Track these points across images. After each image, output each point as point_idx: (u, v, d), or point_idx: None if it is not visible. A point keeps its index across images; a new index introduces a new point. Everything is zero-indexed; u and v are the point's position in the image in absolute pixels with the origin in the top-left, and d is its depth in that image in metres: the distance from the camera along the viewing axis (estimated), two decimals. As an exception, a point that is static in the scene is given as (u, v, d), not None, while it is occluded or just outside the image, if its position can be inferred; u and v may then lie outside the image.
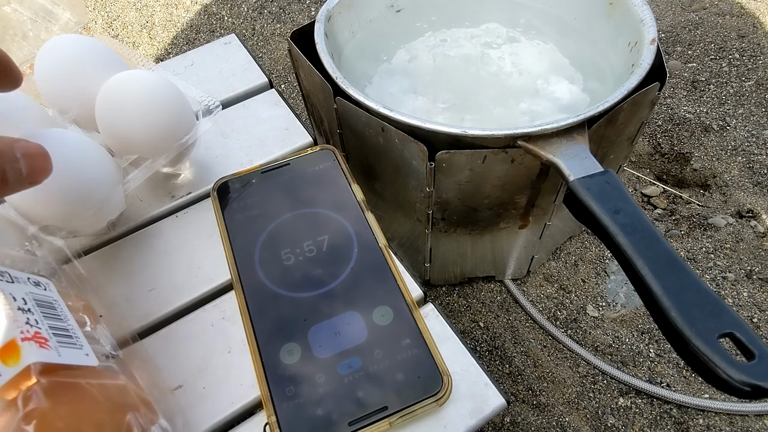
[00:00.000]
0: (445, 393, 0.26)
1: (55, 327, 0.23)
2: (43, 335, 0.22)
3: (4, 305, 0.22)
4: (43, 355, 0.21)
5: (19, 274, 0.24)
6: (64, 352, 0.22)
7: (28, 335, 0.21)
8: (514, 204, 0.47)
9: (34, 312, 0.23)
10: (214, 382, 0.29)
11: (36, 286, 0.25)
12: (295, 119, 0.43)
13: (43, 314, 0.23)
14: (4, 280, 0.23)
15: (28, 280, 0.24)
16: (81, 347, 0.23)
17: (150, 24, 1.06)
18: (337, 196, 0.34)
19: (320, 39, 0.48)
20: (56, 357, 0.21)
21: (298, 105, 0.88)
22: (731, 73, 0.87)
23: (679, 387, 0.57)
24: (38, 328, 0.22)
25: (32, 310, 0.23)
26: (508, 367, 0.60)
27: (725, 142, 0.78)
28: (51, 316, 0.24)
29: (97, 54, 0.35)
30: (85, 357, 0.23)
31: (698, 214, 0.71)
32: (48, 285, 0.25)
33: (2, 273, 0.23)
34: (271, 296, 0.30)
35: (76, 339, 0.23)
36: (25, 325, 0.21)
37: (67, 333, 0.23)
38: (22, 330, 0.21)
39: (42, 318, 0.23)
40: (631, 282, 0.31)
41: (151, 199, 0.38)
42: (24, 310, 0.22)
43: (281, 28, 1.03)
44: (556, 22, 0.58)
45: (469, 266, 0.62)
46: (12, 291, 0.23)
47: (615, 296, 0.65)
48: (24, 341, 0.21)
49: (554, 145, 0.38)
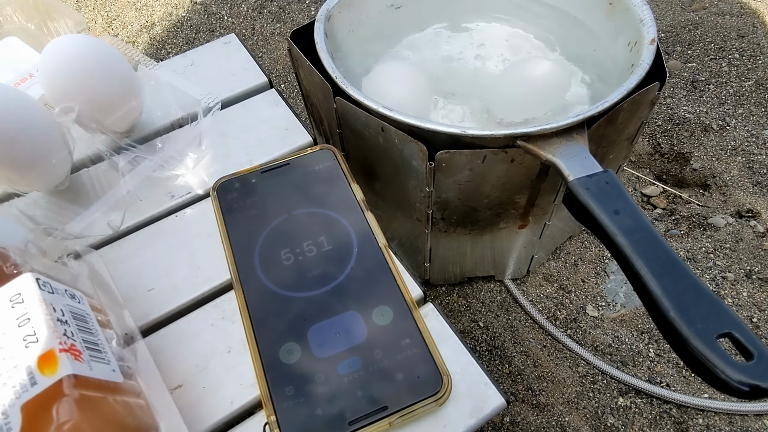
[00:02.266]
0: (445, 393, 0.26)
1: (88, 341, 0.24)
2: (78, 348, 0.22)
3: (46, 315, 0.22)
4: (77, 368, 0.21)
5: (58, 286, 0.25)
6: (95, 366, 0.23)
7: (65, 347, 0.22)
8: (513, 204, 0.47)
9: (71, 324, 0.23)
10: (214, 381, 0.29)
11: (71, 298, 0.25)
12: (294, 119, 0.43)
13: (78, 327, 0.24)
14: (47, 290, 0.24)
15: (65, 292, 0.25)
16: (108, 362, 0.24)
17: (150, 24, 1.06)
18: (337, 195, 0.34)
19: (320, 38, 0.48)
20: (88, 371, 0.22)
21: (298, 105, 0.88)
22: (731, 73, 0.87)
23: (679, 387, 0.57)
24: (74, 340, 0.22)
25: (69, 322, 0.23)
26: (507, 366, 0.60)
27: (725, 142, 0.78)
28: (84, 329, 0.24)
29: (101, 53, 0.36)
30: (112, 373, 0.24)
31: (698, 214, 0.71)
32: (82, 299, 0.26)
33: (45, 284, 0.24)
34: (271, 296, 0.30)
35: (104, 354, 0.24)
36: (63, 336, 0.22)
37: (97, 347, 0.24)
38: (61, 341, 0.22)
39: (77, 330, 0.23)
40: (630, 282, 0.31)
41: (150, 198, 0.38)
42: (62, 322, 0.23)
43: (281, 27, 1.03)
44: (557, 21, 0.58)
45: (469, 266, 0.62)
46: (53, 302, 0.23)
47: (615, 296, 0.65)
48: (61, 352, 0.21)
49: (554, 145, 0.38)
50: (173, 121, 0.41)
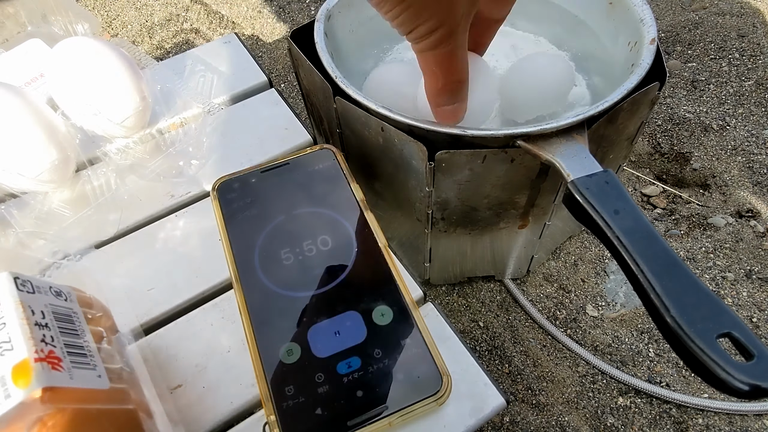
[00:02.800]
0: (445, 392, 0.26)
1: (71, 344, 0.22)
2: (57, 354, 0.21)
3: (22, 320, 0.21)
4: (54, 379, 0.20)
5: (41, 283, 0.23)
6: (77, 373, 0.21)
7: (42, 355, 0.20)
8: (513, 204, 0.47)
9: (51, 327, 0.22)
10: (214, 381, 0.29)
11: (57, 296, 0.24)
12: (294, 118, 0.43)
13: (60, 330, 0.22)
14: (26, 290, 0.22)
15: (50, 289, 0.24)
16: (94, 368, 0.22)
17: (149, 23, 1.06)
18: (337, 195, 0.34)
19: (320, 38, 0.48)
20: (67, 380, 0.20)
21: (298, 104, 0.88)
22: (731, 72, 0.87)
23: (679, 386, 0.57)
24: (53, 346, 0.21)
25: (50, 325, 0.22)
26: (507, 366, 0.60)
27: (725, 142, 0.78)
28: (68, 331, 0.23)
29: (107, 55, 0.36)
30: (97, 379, 0.22)
31: (698, 213, 0.71)
32: (70, 295, 0.25)
33: (25, 282, 0.22)
34: (271, 295, 0.30)
35: (90, 358, 0.23)
36: (40, 343, 0.20)
37: (81, 351, 0.22)
38: (37, 349, 0.20)
39: (58, 334, 0.22)
40: (630, 282, 0.31)
41: (150, 198, 0.38)
42: (41, 326, 0.21)
43: (281, 27, 1.03)
44: (557, 19, 0.58)
45: (469, 266, 0.62)
46: (32, 303, 0.22)
47: (614, 296, 0.65)
48: (37, 362, 0.20)
49: (554, 145, 0.38)
50: (177, 124, 0.41)
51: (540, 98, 0.48)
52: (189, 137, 0.40)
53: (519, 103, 0.49)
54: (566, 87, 0.48)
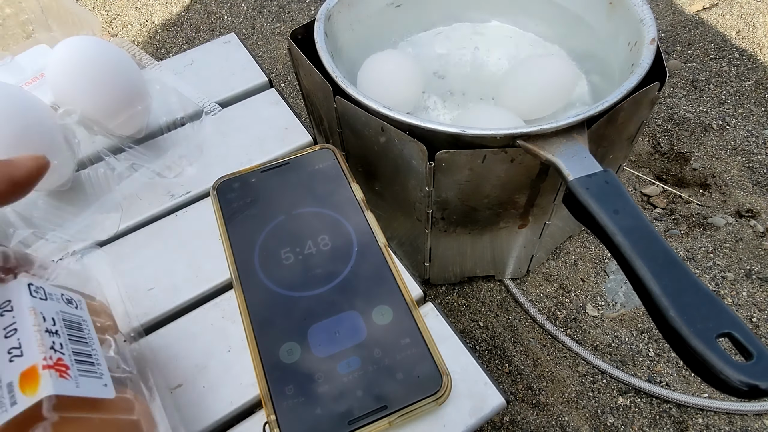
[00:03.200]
0: (445, 392, 0.26)
1: (79, 352, 0.22)
2: (65, 362, 0.21)
3: (33, 326, 0.21)
4: (61, 387, 0.20)
5: (53, 290, 0.23)
6: (83, 382, 0.21)
7: (50, 362, 0.20)
8: (513, 203, 0.47)
9: (61, 335, 0.22)
10: (214, 381, 0.29)
11: (68, 303, 0.24)
12: (294, 118, 0.43)
13: (69, 337, 0.22)
14: (39, 297, 0.22)
15: (61, 296, 0.24)
16: (101, 376, 0.22)
17: (149, 23, 1.06)
18: (337, 195, 0.34)
19: (320, 38, 0.48)
20: (74, 389, 0.20)
21: (298, 104, 0.88)
22: (731, 72, 0.87)
23: (679, 386, 0.57)
24: (62, 353, 0.21)
25: (59, 332, 0.22)
26: (507, 366, 0.60)
27: (725, 142, 0.78)
28: (77, 339, 0.23)
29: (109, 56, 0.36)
30: (103, 388, 0.22)
31: (698, 213, 0.71)
32: (80, 303, 0.25)
33: (38, 289, 0.22)
34: (271, 295, 0.30)
35: (97, 366, 0.22)
36: (50, 350, 0.20)
37: (89, 360, 0.22)
38: (46, 356, 0.20)
39: (67, 342, 0.22)
40: (630, 282, 0.31)
41: (150, 198, 0.38)
42: (51, 332, 0.21)
43: (281, 27, 1.03)
44: (558, 19, 0.58)
45: (469, 265, 0.62)
46: (43, 310, 0.22)
47: (614, 296, 0.65)
48: (45, 369, 0.20)
49: (554, 145, 0.38)
50: (176, 125, 0.41)
51: (543, 98, 0.48)
52: (189, 137, 0.40)
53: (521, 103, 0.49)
54: (569, 87, 0.48)
